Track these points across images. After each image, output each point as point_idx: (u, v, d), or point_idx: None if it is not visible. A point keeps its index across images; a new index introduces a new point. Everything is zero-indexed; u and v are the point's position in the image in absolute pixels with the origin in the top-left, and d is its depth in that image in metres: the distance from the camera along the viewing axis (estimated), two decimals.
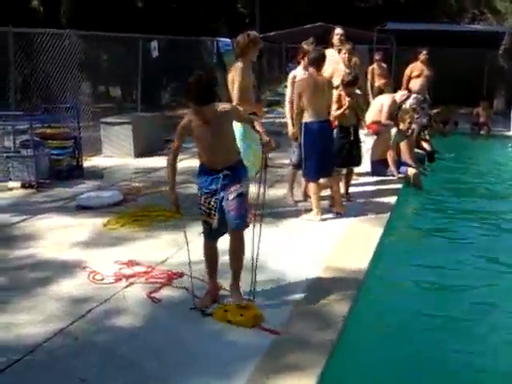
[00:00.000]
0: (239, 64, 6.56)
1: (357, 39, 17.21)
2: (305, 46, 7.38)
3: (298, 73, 7.42)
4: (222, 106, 4.51)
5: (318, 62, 6.91)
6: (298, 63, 7.82)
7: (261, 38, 6.91)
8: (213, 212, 4.53)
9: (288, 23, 19.54)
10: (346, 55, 7.81)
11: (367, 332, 4.78)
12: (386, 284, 5.74)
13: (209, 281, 4.83)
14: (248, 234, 4.65)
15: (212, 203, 4.53)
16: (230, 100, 6.56)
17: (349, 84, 7.51)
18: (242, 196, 4.52)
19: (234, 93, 6.51)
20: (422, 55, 13.04)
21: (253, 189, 4.94)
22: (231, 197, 4.47)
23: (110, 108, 15.25)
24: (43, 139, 8.82)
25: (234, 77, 6.53)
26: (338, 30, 8.33)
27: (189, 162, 9.97)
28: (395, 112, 10.02)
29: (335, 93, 7.43)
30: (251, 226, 4.65)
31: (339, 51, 7.85)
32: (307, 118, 6.86)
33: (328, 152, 6.96)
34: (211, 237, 4.73)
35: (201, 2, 23.17)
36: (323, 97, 6.88)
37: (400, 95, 10.45)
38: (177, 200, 4.65)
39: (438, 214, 8.26)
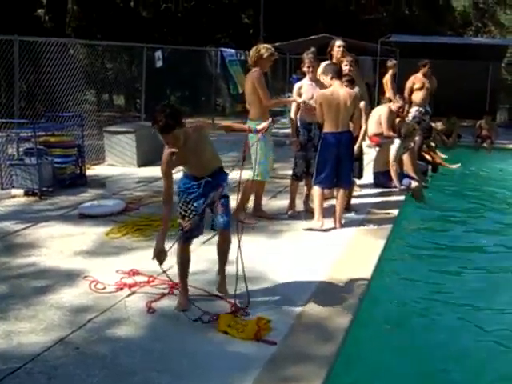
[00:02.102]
0: (254, 72, 6.98)
1: (361, 51, 17.33)
2: (305, 55, 7.41)
3: (304, 83, 7.43)
4: (190, 126, 4.64)
5: (340, 74, 7.15)
6: (302, 73, 7.85)
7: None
8: (187, 215, 4.74)
9: (292, 34, 19.61)
10: (348, 67, 7.79)
11: (368, 344, 4.77)
12: (388, 296, 5.74)
13: (181, 283, 4.94)
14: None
15: (189, 206, 4.73)
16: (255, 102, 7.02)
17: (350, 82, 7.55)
18: (227, 198, 4.82)
19: (261, 94, 6.94)
20: (426, 68, 13.06)
21: None
22: (218, 199, 4.76)
23: (114, 117, 15.28)
24: (47, 147, 8.82)
25: (254, 83, 6.94)
26: (339, 42, 8.28)
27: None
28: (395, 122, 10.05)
29: None
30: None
31: (341, 63, 7.83)
32: (325, 128, 6.99)
33: (342, 163, 7.02)
34: (185, 239, 4.87)
35: (205, 12, 23.28)
36: (343, 109, 6.91)
37: (396, 106, 10.40)
38: (162, 252, 4.66)
39: (440, 227, 8.25)
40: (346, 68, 7.75)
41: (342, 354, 4.23)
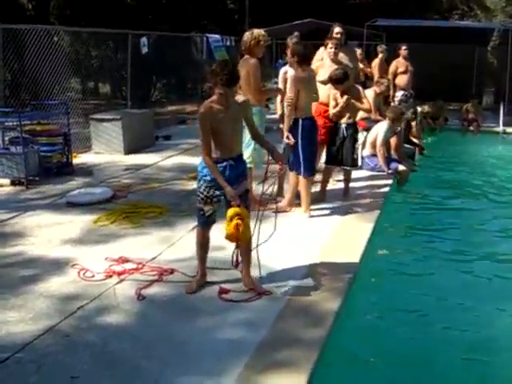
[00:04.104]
0: (251, 61, 6.75)
1: (347, 35, 17.27)
2: (289, 40, 7.35)
3: (290, 68, 7.40)
4: (239, 97, 4.79)
5: (310, 57, 7.01)
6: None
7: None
8: (209, 201, 4.77)
9: (278, 19, 19.51)
10: (333, 50, 7.71)
11: (357, 328, 4.80)
12: (377, 280, 5.77)
13: (200, 267, 4.99)
14: None
15: (211, 192, 4.74)
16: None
17: (337, 81, 7.39)
18: (248, 193, 4.93)
19: (253, 85, 6.73)
20: (403, 50, 13.07)
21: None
22: (240, 192, 4.73)
23: (100, 104, 15.20)
24: (32, 136, 8.76)
25: (249, 72, 6.71)
26: (338, 29, 8.30)
27: (178, 159, 10.01)
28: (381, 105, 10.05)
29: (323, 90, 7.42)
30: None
31: (325, 46, 7.75)
32: (303, 114, 6.77)
33: (316, 148, 7.03)
34: (206, 224, 4.91)
35: None
36: (315, 93, 6.89)
37: (379, 88, 10.40)
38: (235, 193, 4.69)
39: (428, 210, 8.29)
40: (331, 51, 7.69)
41: (332, 339, 4.25)
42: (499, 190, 9.59)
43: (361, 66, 12.93)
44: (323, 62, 7.83)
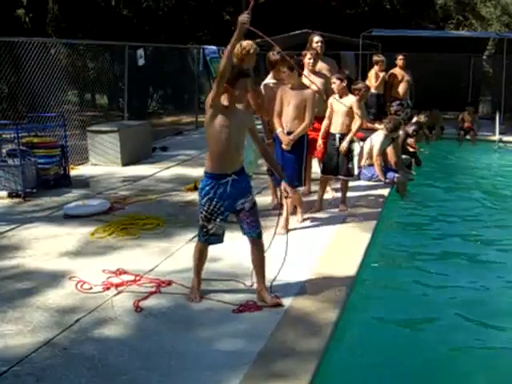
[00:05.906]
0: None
1: (343, 45, 17.36)
2: (271, 54, 7.30)
3: (270, 82, 7.34)
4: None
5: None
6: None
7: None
8: (213, 218, 4.67)
9: (274, 31, 19.57)
10: (311, 60, 7.65)
11: (355, 339, 4.79)
12: (375, 290, 5.76)
13: (196, 277, 4.98)
14: None
15: (215, 209, 4.65)
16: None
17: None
18: (255, 206, 4.79)
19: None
20: (400, 60, 13.10)
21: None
22: (247, 207, 4.69)
23: (97, 116, 15.21)
24: (30, 148, 8.76)
25: None
26: (317, 38, 8.24)
27: (175, 170, 10.02)
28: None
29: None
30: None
31: (304, 56, 7.70)
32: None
33: None
34: (208, 241, 4.84)
35: (187, 10, 23.21)
36: None
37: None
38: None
39: (425, 220, 8.29)
40: (309, 61, 7.63)
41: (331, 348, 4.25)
42: (499, 200, 9.59)
43: (381, 74, 12.90)
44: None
